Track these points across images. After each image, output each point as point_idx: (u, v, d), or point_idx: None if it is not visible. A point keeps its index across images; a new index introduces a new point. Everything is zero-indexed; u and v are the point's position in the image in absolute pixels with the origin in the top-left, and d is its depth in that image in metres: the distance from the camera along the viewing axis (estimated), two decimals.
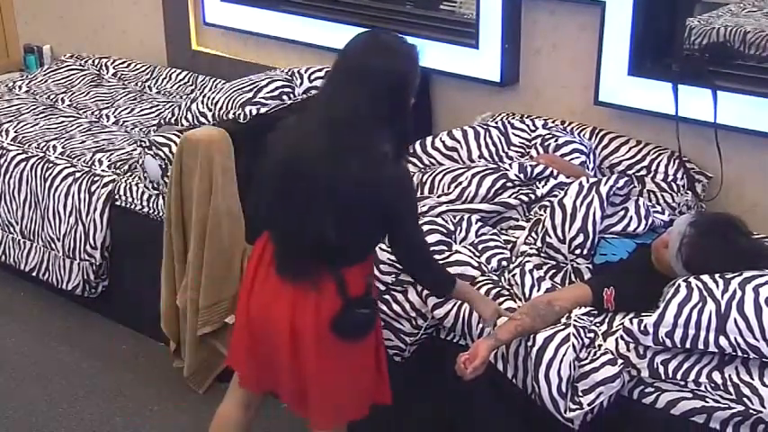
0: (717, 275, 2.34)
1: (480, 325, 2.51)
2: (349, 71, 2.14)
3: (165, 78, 4.46)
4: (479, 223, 2.80)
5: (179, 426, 3.08)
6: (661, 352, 2.32)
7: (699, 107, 3.00)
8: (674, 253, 2.43)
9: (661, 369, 2.30)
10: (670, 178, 3.08)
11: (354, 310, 2.23)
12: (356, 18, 3.84)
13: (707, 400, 2.24)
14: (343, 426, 2.44)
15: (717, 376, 2.27)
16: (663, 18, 3.12)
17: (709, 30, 3.20)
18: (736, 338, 2.23)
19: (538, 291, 2.52)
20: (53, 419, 3.10)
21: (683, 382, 2.28)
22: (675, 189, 3.07)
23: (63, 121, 4.04)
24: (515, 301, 2.52)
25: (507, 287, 2.59)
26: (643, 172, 3.12)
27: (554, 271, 2.66)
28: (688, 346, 2.27)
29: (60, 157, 3.68)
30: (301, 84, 3.49)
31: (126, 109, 4.18)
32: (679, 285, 2.33)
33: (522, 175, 2.89)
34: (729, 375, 2.26)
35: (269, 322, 2.27)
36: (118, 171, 3.55)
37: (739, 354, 2.25)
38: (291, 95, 3.42)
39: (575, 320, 2.39)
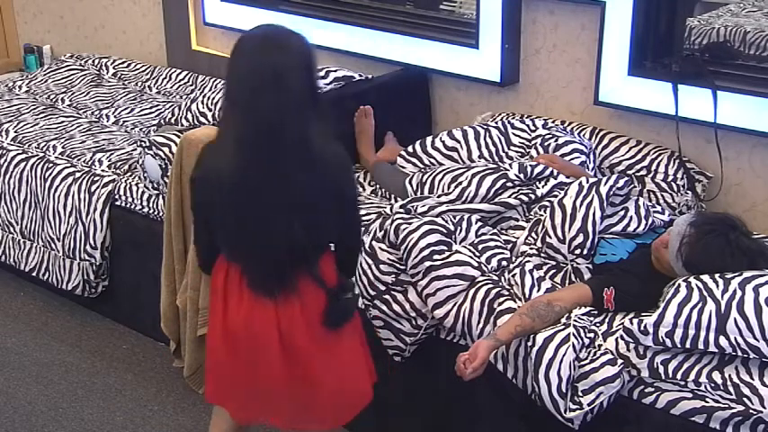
0: (717, 275, 2.34)
1: (481, 325, 2.51)
2: (254, 76, 2.08)
3: (164, 78, 4.46)
4: (479, 223, 2.80)
5: (179, 425, 3.08)
6: (661, 352, 2.32)
7: (699, 107, 3.00)
8: (674, 253, 2.43)
9: (661, 369, 2.30)
10: (670, 178, 3.08)
11: (340, 297, 2.24)
12: (356, 18, 3.85)
13: (707, 400, 2.24)
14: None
15: (717, 376, 2.27)
16: (663, 18, 3.12)
17: (709, 30, 3.20)
18: (736, 338, 2.23)
19: (538, 291, 2.52)
20: (53, 419, 3.10)
21: (682, 382, 2.28)
22: (675, 189, 3.07)
23: (63, 121, 4.04)
24: (515, 301, 2.52)
25: (507, 287, 2.59)
26: (643, 172, 3.12)
27: (554, 271, 2.66)
28: (688, 346, 2.27)
29: (60, 157, 3.68)
30: None
31: (126, 109, 4.18)
32: (679, 285, 2.33)
33: (522, 175, 2.89)
34: (729, 375, 2.26)
35: (255, 337, 2.22)
36: (118, 171, 3.55)
37: (739, 354, 2.25)
38: None
39: (575, 320, 2.39)
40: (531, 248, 2.71)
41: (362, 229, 2.37)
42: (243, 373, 2.28)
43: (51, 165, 3.64)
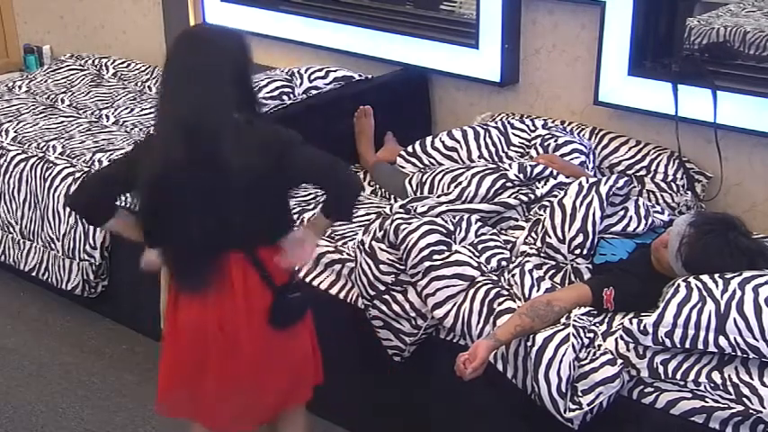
0: (716, 275, 2.34)
1: (480, 325, 2.51)
2: (175, 75, 2.17)
3: None
4: (479, 223, 2.80)
5: (178, 425, 3.07)
6: (660, 352, 2.32)
7: (698, 107, 3.00)
8: (674, 253, 2.43)
9: (660, 369, 2.30)
10: (670, 178, 3.08)
11: (286, 296, 2.24)
12: (356, 18, 3.85)
13: (706, 400, 2.24)
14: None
15: (716, 376, 2.27)
16: (663, 18, 3.13)
17: (708, 30, 3.20)
18: (735, 338, 2.23)
19: (537, 291, 2.52)
20: (52, 419, 3.10)
21: (682, 382, 2.28)
22: (675, 189, 3.07)
23: (63, 121, 4.04)
24: (515, 301, 2.52)
25: (507, 287, 2.59)
26: (643, 172, 3.12)
27: (554, 271, 2.66)
28: (687, 346, 2.27)
29: (60, 157, 3.68)
30: (301, 84, 3.49)
31: (126, 109, 4.18)
32: (678, 285, 2.33)
33: (521, 175, 2.89)
34: (729, 375, 2.26)
35: (196, 335, 2.25)
36: None
37: (739, 354, 2.25)
38: (291, 95, 3.42)
39: (574, 320, 2.39)
40: (530, 248, 2.71)
41: (339, 167, 2.26)
42: (187, 372, 2.30)
43: (51, 165, 3.63)
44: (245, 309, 2.22)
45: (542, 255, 2.68)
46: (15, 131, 3.90)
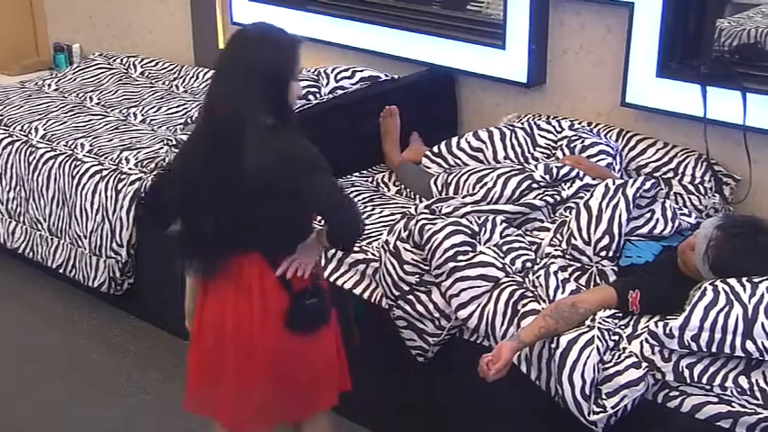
0: (744, 279, 2.31)
1: (504, 327, 2.50)
2: (231, 66, 2.20)
3: (191, 77, 4.48)
4: (504, 224, 2.78)
5: (203, 423, 3.08)
6: (686, 356, 2.29)
7: (727, 109, 2.97)
8: (701, 256, 2.40)
9: (686, 373, 2.28)
10: (697, 180, 3.05)
11: (303, 301, 2.24)
12: (382, 18, 3.85)
13: (733, 404, 2.22)
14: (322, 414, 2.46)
15: (743, 381, 2.24)
16: (692, 19, 3.10)
17: (739, 31, 3.16)
18: (763, 343, 2.21)
19: (562, 292, 2.51)
20: (77, 416, 3.13)
21: (708, 387, 2.26)
22: (703, 192, 3.04)
23: (91, 120, 4.07)
24: (539, 303, 2.50)
25: (532, 288, 2.57)
26: (670, 174, 3.10)
27: (579, 273, 2.64)
28: (714, 350, 2.25)
29: (88, 155, 3.71)
30: (327, 83, 3.50)
31: (153, 107, 4.21)
32: (705, 288, 2.31)
33: (547, 177, 2.88)
34: (756, 380, 2.24)
35: (212, 332, 2.29)
36: (144, 169, 3.57)
37: (766, 358, 2.23)
38: (317, 95, 3.43)
39: (599, 323, 2.37)
40: (555, 250, 2.69)
41: (347, 207, 2.24)
42: (209, 369, 2.33)
43: (79, 162, 3.67)
44: (260, 309, 2.23)
45: (567, 256, 2.67)
46: (45, 129, 3.94)
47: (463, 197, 2.89)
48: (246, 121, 2.13)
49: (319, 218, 2.34)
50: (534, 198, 2.85)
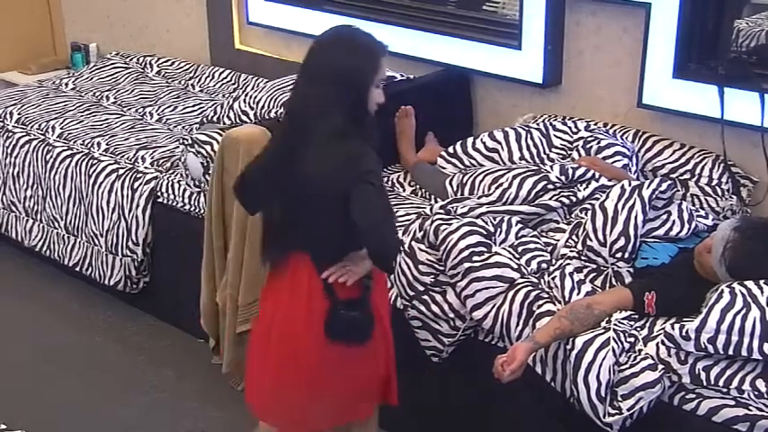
0: (761, 281, 2.30)
1: (519, 327, 2.50)
2: (314, 66, 2.23)
3: (207, 77, 4.50)
4: (519, 225, 2.78)
5: (218, 421, 3.10)
6: (703, 358, 2.28)
7: (745, 110, 2.96)
8: (718, 258, 2.39)
9: (703, 375, 2.27)
10: (714, 182, 3.04)
11: (339, 312, 2.23)
12: (398, 18, 3.85)
13: (750, 408, 2.20)
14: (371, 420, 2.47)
15: (761, 384, 2.23)
16: (709, 20, 3.08)
17: (757, 31, 3.15)
18: None
19: (578, 294, 2.50)
20: (93, 413, 3.14)
21: (725, 390, 2.25)
22: (720, 193, 3.02)
23: (107, 119, 4.09)
24: (555, 304, 2.50)
25: (547, 290, 2.57)
26: (687, 176, 3.08)
27: (594, 274, 2.63)
28: (731, 352, 2.24)
29: (104, 153, 3.73)
30: None
31: (169, 107, 4.22)
32: (722, 291, 2.30)
33: (563, 178, 2.87)
34: None
35: (267, 326, 2.34)
36: (160, 168, 3.58)
37: None
38: None
39: (615, 324, 2.36)
40: (571, 251, 2.68)
41: (386, 226, 2.20)
42: (256, 363, 2.39)
43: (95, 161, 3.68)
44: (306, 310, 2.25)
45: (583, 258, 2.66)
46: (61, 128, 3.96)
47: (478, 198, 2.89)
48: (320, 123, 2.16)
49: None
50: (550, 199, 2.84)
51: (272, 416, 2.38)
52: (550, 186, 2.85)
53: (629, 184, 2.69)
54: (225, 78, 4.44)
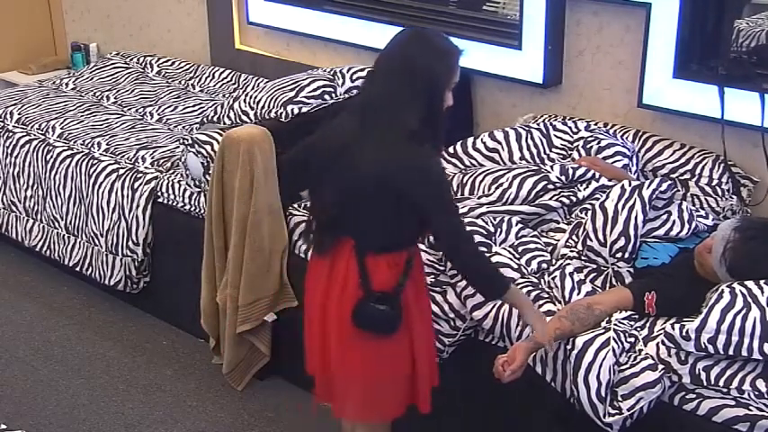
0: (762, 281, 2.30)
1: (519, 328, 2.50)
2: (389, 64, 2.22)
3: (208, 77, 4.50)
4: (520, 225, 2.78)
5: (217, 421, 3.10)
6: (703, 358, 2.28)
7: (745, 110, 2.96)
8: (718, 258, 2.39)
9: (703, 375, 2.27)
10: (714, 182, 3.04)
11: (369, 303, 2.24)
12: (399, 18, 3.84)
13: (750, 408, 2.20)
14: (383, 422, 2.47)
15: (761, 384, 2.23)
16: (710, 20, 3.08)
17: (758, 32, 3.15)
18: None
19: (578, 294, 2.50)
20: (94, 412, 3.14)
21: (725, 390, 2.25)
22: (720, 193, 3.02)
23: (108, 119, 4.09)
24: (555, 304, 2.50)
25: (547, 290, 2.57)
26: (687, 176, 3.08)
27: (595, 274, 2.64)
28: (731, 352, 2.24)
29: (105, 153, 3.73)
30: (343, 83, 3.50)
31: (169, 107, 4.22)
32: (722, 291, 2.30)
33: (563, 178, 2.87)
34: None
35: (309, 308, 2.38)
36: (160, 168, 3.58)
37: None
38: (333, 95, 3.43)
39: (615, 324, 2.36)
40: (571, 251, 2.69)
41: (459, 239, 2.26)
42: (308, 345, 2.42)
43: (96, 161, 3.68)
44: (340, 295, 2.26)
45: (583, 258, 2.66)
46: (62, 128, 3.96)
47: (479, 198, 2.89)
48: (392, 120, 2.16)
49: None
50: (550, 199, 2.84)
51: (322, 395, 2.43)
52: (550, 186, 2.85)
53: (630, 185, 2.69)
54: (225, 78, 4.44)
